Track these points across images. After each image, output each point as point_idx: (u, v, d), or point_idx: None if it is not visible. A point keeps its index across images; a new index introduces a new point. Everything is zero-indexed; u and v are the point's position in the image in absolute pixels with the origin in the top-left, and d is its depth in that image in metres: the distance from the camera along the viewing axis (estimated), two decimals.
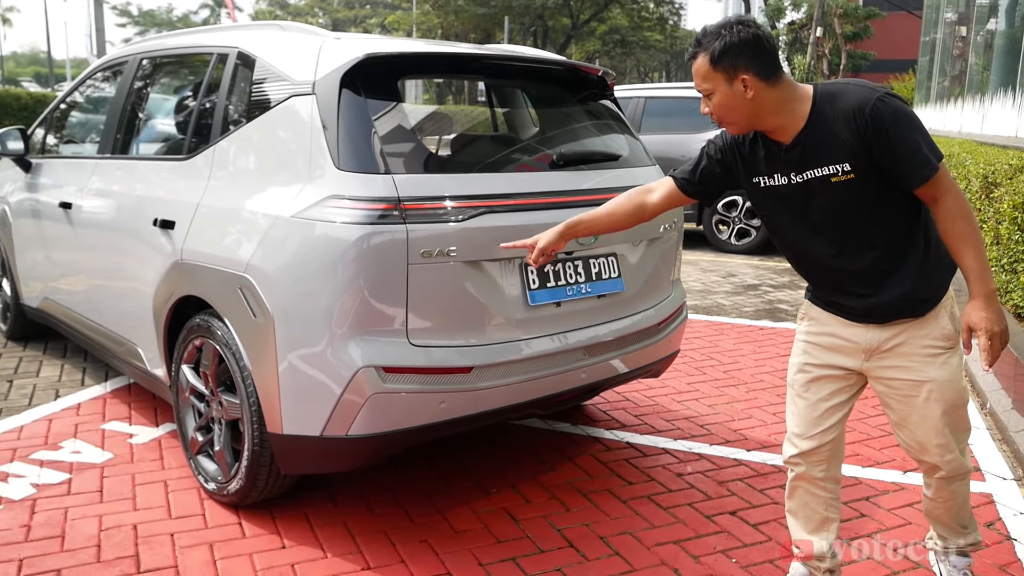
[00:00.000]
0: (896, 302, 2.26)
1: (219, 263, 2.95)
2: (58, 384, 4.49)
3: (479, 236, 2.79)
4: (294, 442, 2.78)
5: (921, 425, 2.34)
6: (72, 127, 5.00)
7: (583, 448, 3.80)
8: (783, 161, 2.23)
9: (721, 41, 2.11)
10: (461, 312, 2.80)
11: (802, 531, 2.57)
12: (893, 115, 2.07)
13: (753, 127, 2.23)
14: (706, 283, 7.70)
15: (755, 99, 2.14)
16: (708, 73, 2.15)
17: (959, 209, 2.13)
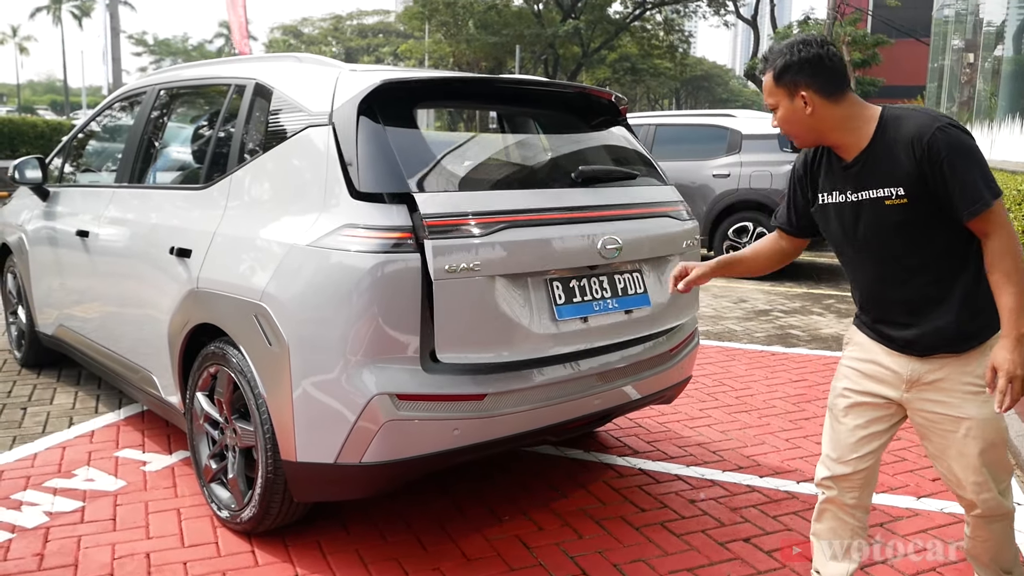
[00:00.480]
0: (937, 336, 2.25)
1: (235, 291, 2.98)
2: (72, 411, 4.52)
3: (503, 250, 2.80)
4: (308, 469, 2.79)
5: (958, 461, 2.33)
6: (90, 156, 5.07)
7: (596, 475, 3.79)
8: (842, 178, 2.29)
9: (783, 59, 2.22)
10: (489, 327, 2.80)
11: (824, 556, 2.56)
12: (950, 146, 2.10)
13: (817, 142, 2.32)
14: (717, 309, 7.70)
15: (815, 115, 2.22)
16: (772, 89, 2.27)
17: (1008, 248, 2.14)
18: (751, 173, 9.27)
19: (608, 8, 41.80)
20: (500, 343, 2.84)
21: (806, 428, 4.46)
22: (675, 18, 45.00)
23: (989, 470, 2.31)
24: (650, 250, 3.30)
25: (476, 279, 2.74)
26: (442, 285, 2.67)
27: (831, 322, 7.21)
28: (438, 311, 2.68)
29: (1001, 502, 2.37)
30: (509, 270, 2.83)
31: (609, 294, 3.16)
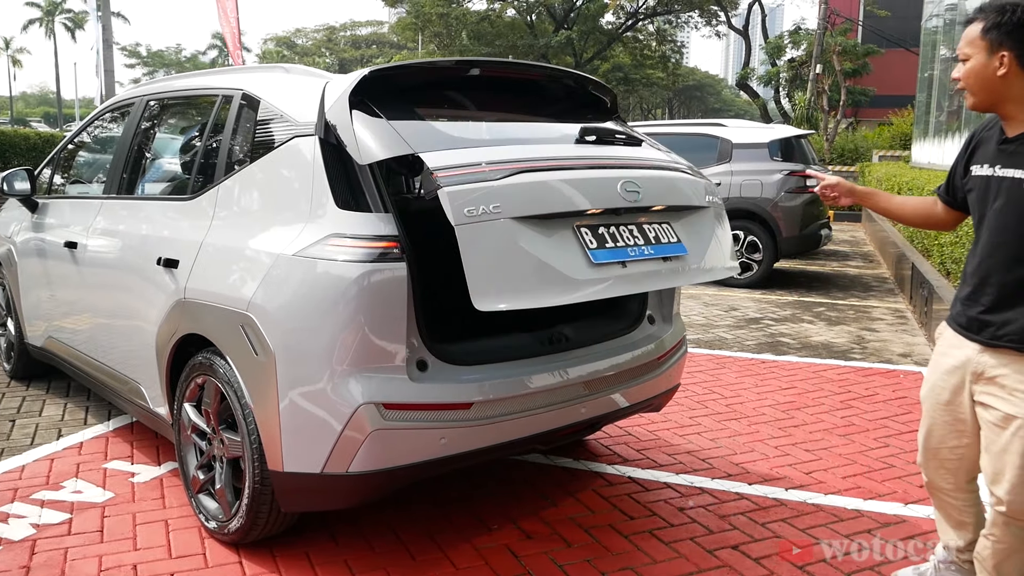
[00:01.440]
0: (1009, 327, 2.34)
1: (222, 301, 2.99)
2: (61, 423, 4.50)
3: (521, 192, 2.73)
4: (295, 479, 2.79)
5: (1001, 457, 2.39)
6: (78, 167, 5.08)
7: (585, 483, 3.79)
8: (996, 152, 2.38)
9: (1000, 15, 2.26)
10: (522, 271, 2.69)
11: (945, 527, 2.76)
12: None
13: (990, 106, 2.36)
14: (708, 317, 7.72)
15: (1004, 79, 2.28)
16: (975, 39, 2.31)
17: None
18: (742, 182, 9.30)
19: (600, 19, 41.98)
20: (538, 288, 2.70)
21: (795, 435, 4.47)
22: (667, 28, 45.21)
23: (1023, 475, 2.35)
24: (672, 196, 3.21)
25: (499, 222, 2.63)
26: (464, 230, 2.57)
27: (821, 330, 7.23)
28: (466, 258, 2.55)
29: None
30: (530, 211, 2.72)
31: (642, 242, 3.03)
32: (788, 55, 36.61)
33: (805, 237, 9.40)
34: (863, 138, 28.50)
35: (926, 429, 2.67)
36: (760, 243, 9.30)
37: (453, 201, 2.57)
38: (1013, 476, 2.36)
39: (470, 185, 2.64)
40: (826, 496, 3.68)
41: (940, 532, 2.81)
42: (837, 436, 4.46)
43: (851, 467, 4.03)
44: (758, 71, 40.84)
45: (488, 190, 2.65)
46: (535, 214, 2.74)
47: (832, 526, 3.39)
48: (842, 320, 7.69)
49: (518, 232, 2.69)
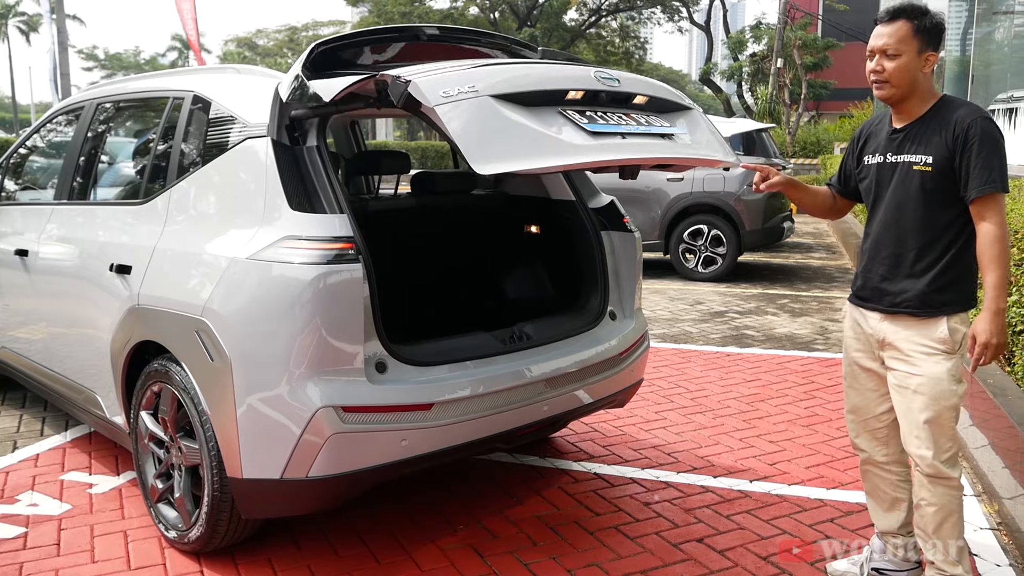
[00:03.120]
0: (905, 295, 2.58)
1: (175, 307, 2.94)
2: (16, 435, 4.40)
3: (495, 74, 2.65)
4: (254, 486, 2.75)
5: (907, 416, 2.61)
6: (29, 173, 4.96)
7: (551, 480, 3.79)
8: (888, 141, 2.63)
9: (931, 20, 2.51)
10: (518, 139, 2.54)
11: (878, 511, 2.89)
12: (986, 132, 2.47)
13: (900, 99, 2.58)
14: (673, 311, 7.76)
15: (924, 77, 2.55)
16: (907, 38, 2.50)
17: (1000, 235, 2.46)
18: (704, 176, 9.35)
19: (563, 16, 42.03)
20: (538, 152, 2.55)
21: (760, 427, 4.50)
22: (630, 25, 45.37)
23: (932, 428, 2.55)
24: (653, 89, 3.09)
25: (479, 99, 2.52)
26: (443, 109, 2.44)
27: (785, 322, 7.30)
28: (453, 133, 2.43)
29: (941, 467, 2.56)
30: (508, 89, 2.61)
31: (635, 124, 2.90)
32: (750, 50, 36.94)
33: (768, 230, 9.48)
34: (824, 131, 28.86)
35: (851, 404, 2.85)
36: (724, 237, 9.37)
37: (425, 88, 2.46)
38: (921, 432, 2.56)
39: (440, 75, 2.56)
40: (790, 487, 3.72)
41: (874, 518, 2.93)
42: (801, 427, 4.50)
43: (814, 457, 4.07)
44: (720, 66, 41.13)
45: (460, 76, 2.57)
46: (514, 91, 2.62)
47: (795, 516, 3.42)
48: (805, 311, 7.77)
49: (501, 108, 2.56)
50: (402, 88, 2.49)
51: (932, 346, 2.55)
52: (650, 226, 9.52)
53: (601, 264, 3.63)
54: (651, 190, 9.56)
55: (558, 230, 3.84)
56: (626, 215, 3.81)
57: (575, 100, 2.76)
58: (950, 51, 13.56)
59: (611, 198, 3.82)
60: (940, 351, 2.55)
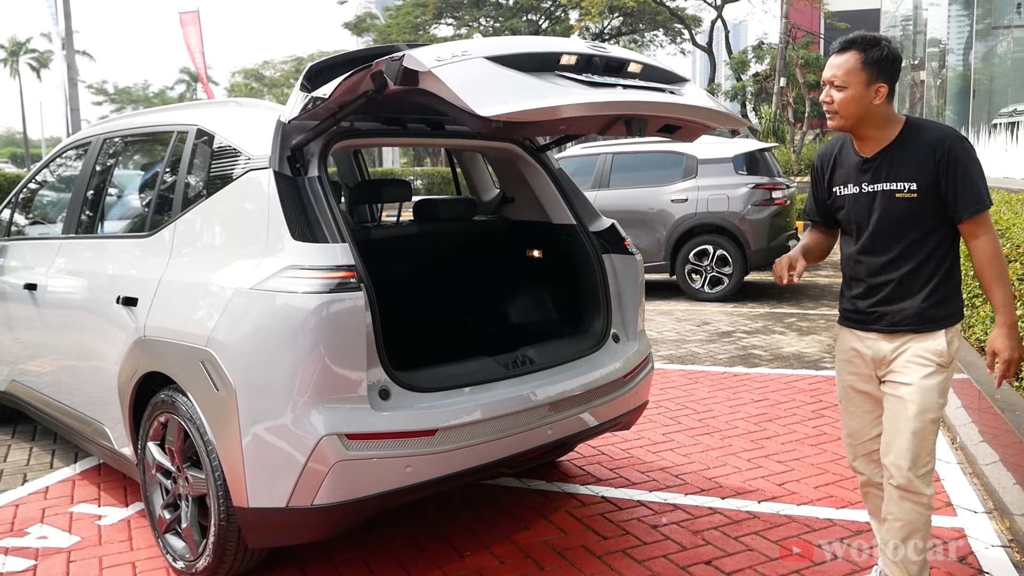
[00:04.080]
0: (904, 314, 2.59)
1: (181, 338, 2.96)
2: (26, 468, 4.43)
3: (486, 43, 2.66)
4: (260, 515, 2.76)
5: (893, 424, 2.60)
6: (37, 208, 5.03)
7: (558, 505, 3.78)
8: (859, 171, 2.61)
9: (879, 51, 2.48)
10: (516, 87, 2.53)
11: (881, 530, 2.80)
12: (966, 153, 2.49)
13: (854, 129, 2.58)
14: (680, 332, 7.75)
15: (876, 107, 2.52)
16: (854, 70, 2.49)
17: (995, 251, 2.50)
18: (708, 197, 9.39)
19: None
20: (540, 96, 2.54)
21: (768, 447, 4.49)
22: (633, 48, 45.77)
23: (914, 439, 2.54)
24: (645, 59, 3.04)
25: (473, 59, 2.53)
26: (438, 70, 2.42)
27: (792, 340, 7.29)
28: (451, 88, 2.39)
29: (915, 482, 2.56)
30: (501, 51, 2.61)
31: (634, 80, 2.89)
32: (752, 70, 37.10)
33: (773, 249, 9.48)
34: None
35: (849, 428, 2.85)
36: (729, 256, 9.38)
37: (419, 56, 2.45)
38: (902, 441, 2.56)
39: (432, 48, 2.56)
40: (799, 507, 3.70)
41: (878, 537, 2.89)
42: (809, 446, 4.49)
43: (823, 476, 4.05)
44: (724, 86, 41.34)
45: (452, 46, 2.57)
46: (507, 54, 2.61)
47: (805, 536, 3.40)
48: (813, 330, 7.76)
49: (496, 66, 2.56)
50: (397, 65, 2.47)
51: (929, 358, 2.57)
52: (655, 247, 9.55)
53: (603, 287, 3.65)
54: (655, 211, 9.60)
55: (560, 254, 3.86)
56: (627, 237, 3.82)
57: (569, 65, 2.74)
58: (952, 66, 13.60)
59: (612, 221, 3.85)
60: (935, 363, 2.56)
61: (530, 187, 3.90)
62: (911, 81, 17.09)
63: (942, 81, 13.97)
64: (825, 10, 36.24)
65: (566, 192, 3.82)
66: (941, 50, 14.50)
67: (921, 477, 2.56)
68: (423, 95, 2.52)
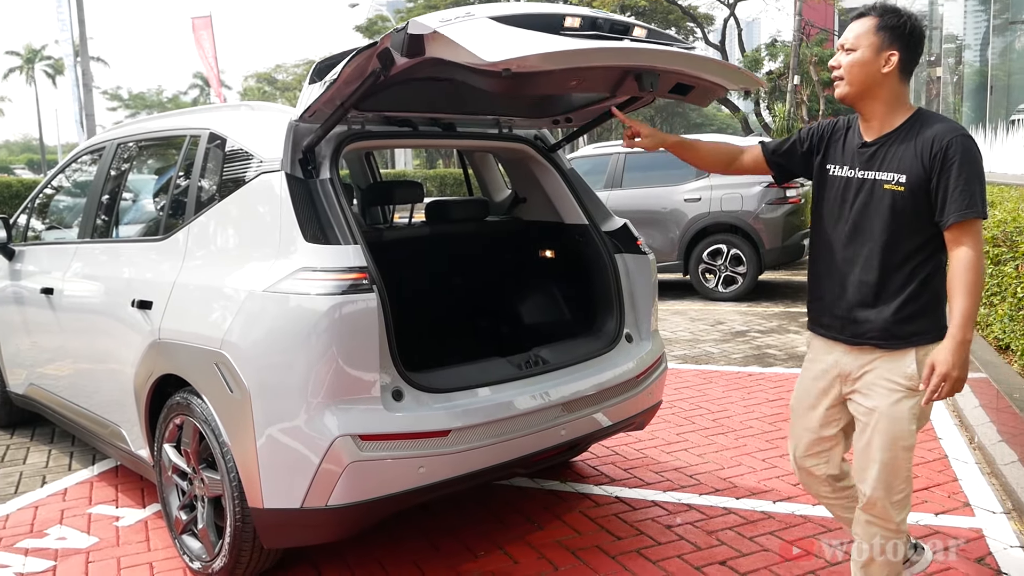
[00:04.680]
0: (870, 325, 2.41)
1: (195, 340, 2.99)
2: (45, 470, 4.47)
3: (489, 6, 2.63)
4: (275, 516, 2.78)
5: (864, 453, 2.47)
6: (53, 213, 5.08)
7: (572, 505, 3.78)
8: (855, 155, 2.44)
9: (897, 18, 2.32)
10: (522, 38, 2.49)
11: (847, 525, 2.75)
12: (966, 151, 2.27)
13: (858, 101, 2.41)
14: (694, 332, 7.73)
15: (884, 78, 2.34)
16: (868, 33, 2.34)
17: (976, 263, 2.27)
18: (722, 196, 9.36)
19: None
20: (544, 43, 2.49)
21: (782, 447, 4.46)
22: None
23: (885, 469, 2.42)
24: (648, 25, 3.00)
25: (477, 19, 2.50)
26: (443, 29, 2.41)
27: None
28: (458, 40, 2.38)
29: (888, 509, 2.44)
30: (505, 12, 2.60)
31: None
32: (766, 68, 36.95)
33: (788, 248, 9.44)
34: None
35: (795, 440, 2.72)
36: (743, 256, 9.34)
37: (423, 20, 2.45)
38: (874, 470, 2.43)
39: (437, 13, 2.54)
40: (813, 507, 3.67)
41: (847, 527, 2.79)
42: None
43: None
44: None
45: (456, 10, 2.53)
46: (510, 14, 2.59)
47: (820, 536, 3.38)
48: None
49: (502, 26, 2.53)
50: (402, 35, 2.46)
51: (897, 382, 2.39)
52: (669, 247, 9.53)
53: (616, 287, 3.64)
54: (669, 211, 9.58)
55: (572, 254, 3.86)
56: (640, 237, 3.82)
57: (573, 27, 2.69)
58: (969, 63, 13.49)
59: (624, 221, 3.85)
60: (903, 388, 2.38)
61: (542, 187, 3.90)
62: (927, 77, 16.96)
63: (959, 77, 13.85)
64: (839, 6, 36.03)
65: (578, 192, 3.82)
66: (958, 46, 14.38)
67: (895, 504, 2.45)
68: (432, 66, 2.51)
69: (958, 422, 4.75)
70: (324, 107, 2.88)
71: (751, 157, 2.74)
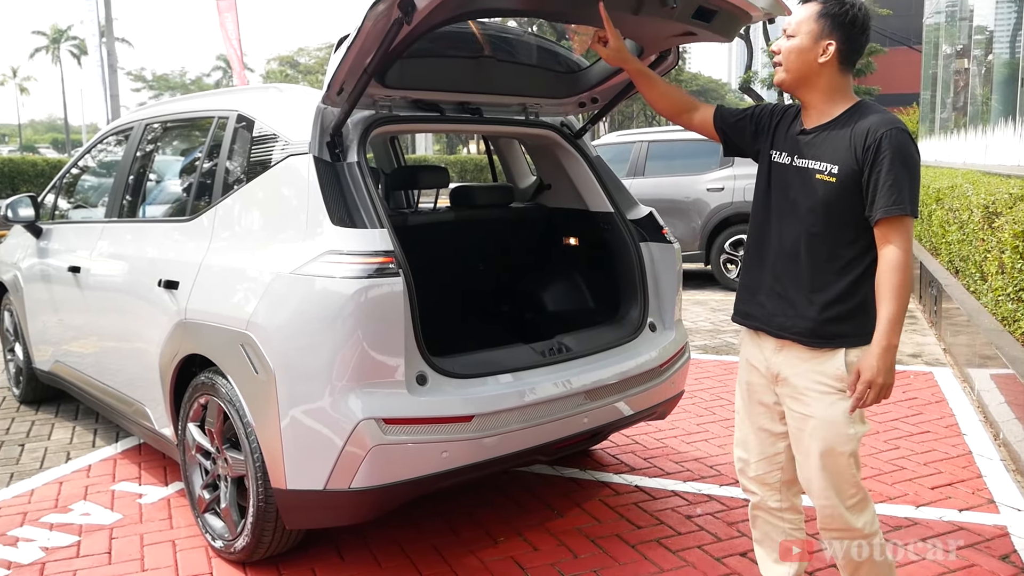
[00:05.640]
0: (796, 319, 2.32)
1: (221, 321, 3.00)
2: (69, 446, 4.52)
3: None
4: (298, 497, 2.79)
5: (805, 463, 2.38)
6: (81, 192, 5.12)
7: (592, 493, 3.78)
8: (794, 143, 2.35)
9: (838, 5, 2.23)
10: None
11: (766, 562, 2.64)
12: (900, 146, 2.17)
13: (795, 88, 2.34)
14: (715, 323, 7.69)
15: (821, 67, 2.26)
16: (809, 19, 2.26)
17: (903, 263, 2.17)
18: (745, 186, 9.27)
19: None
20: None
21: None
22: None
23: (830, 476, 2.32)
24: None
25: None
26: None
27: None
28: None
29: (845, 516, 2.35)
30: None
31: None
32: None
33: None
34: None
35: (741, 437, 2.60)
36: None
37: None
38: (819, 481, 2.34)
39: None
40: None
41: (762, 570, 2.68)
42: None
43: (861, 471, 3.99)
44: (761, 74, 40.75)
45: None
46: None
47: None
48: None
49: None
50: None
51: (827, 383, 2.29)
52: (691, 237, 9.47)
53: (640, 276, 3.62)
54: (691, 200, 9.52)
55: (597, 242, 3.84)
56: (665, 226, 3.80)
57: None
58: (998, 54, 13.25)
59: (650, 209, 3.82)
60: (835, 389, 2.28)
61: (567, 174, 3.88)
62: (955, 69, 16.72)
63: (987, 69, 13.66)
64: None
65: (603, 180, 3.80)
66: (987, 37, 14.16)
67: (851, 508, 2.34)
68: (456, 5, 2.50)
69: (983, 418, 4.70)
70: (349, 76, 2.79)
71: (701, 117, 2.60)
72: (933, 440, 4.39)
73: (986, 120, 12.93)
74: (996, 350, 4.57)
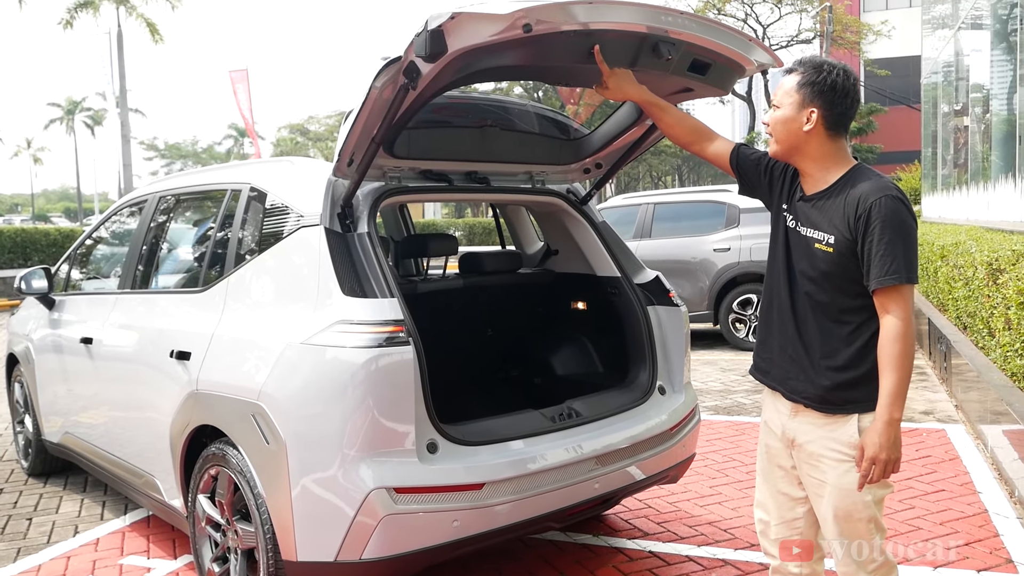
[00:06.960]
0: (806, 384, 2.32)
1: (233, 391, 3.02)
2: (77, 519, 4.50)
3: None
4: (309, 569, 2.77)
5: (825, 528, 2.39)
6: (94, 264, 5.20)
7: (605, 559, 3.73)
8: (799, 208, 2.37)
9: (817, 74, 2.26)
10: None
11: None
12: (892, 213, 2.16)
13: (789, 157, 2.37)
14: (725, 383, 7.66)
15: (808, 135, 2.28)
16: (791, 90, 2.30)
17: (903, 333, 2.16)
18: (751, 246, 9.34)
19: None
20: None
21: None
22: None
23: (848, 541, 2.32)
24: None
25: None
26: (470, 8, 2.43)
27: None
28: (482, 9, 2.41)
29: None
30: None
31: None
32: None
33: None
34: None
35: (761, 499, 2.58)
36: None
37: (441, 10, 2.46)
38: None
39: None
40: None
41: None
42: None
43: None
44: (763, 135, 41.32)
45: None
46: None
47: None
48: None
49: None
50: (423, 34, 2.46)
51: (841, 451, 2.28)
52: (699, 297, 9.51)
53: (648, 339, 3.64)
54: (698, 261, 9.58)
55: (605, 306, 3.87)
56: (672, 289, 3.83)
57: None
58: (996, 111, 13.41)
59: (656, 273, 3.86)
60: (849, 456, 2.26)
61: (574, 239, 3.93)
62: (955, 126, 16.93)
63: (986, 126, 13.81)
64: (865, 57, 36.23)
65: (610, 244, 3.85)
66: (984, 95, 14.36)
67: (873, 573, 2.34)
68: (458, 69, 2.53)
69: (997, 475, 4.64)
70: (358, 146, 2.88)
71: (717, 150, 2.59)
72: (948, 499, 4.33)
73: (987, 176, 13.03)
74: (1007, 406, 4.54)
